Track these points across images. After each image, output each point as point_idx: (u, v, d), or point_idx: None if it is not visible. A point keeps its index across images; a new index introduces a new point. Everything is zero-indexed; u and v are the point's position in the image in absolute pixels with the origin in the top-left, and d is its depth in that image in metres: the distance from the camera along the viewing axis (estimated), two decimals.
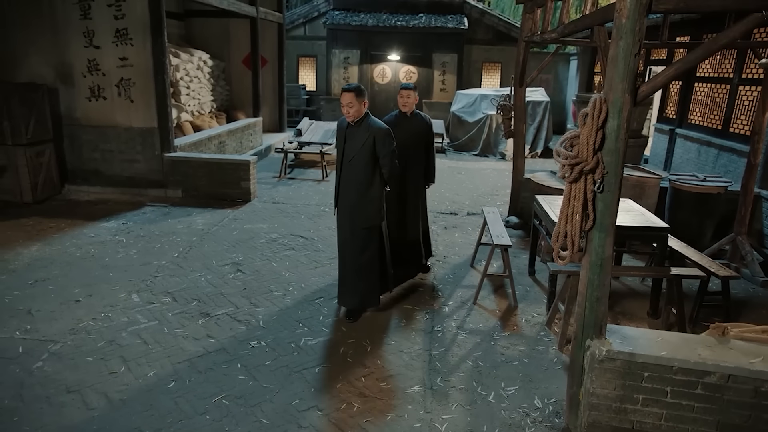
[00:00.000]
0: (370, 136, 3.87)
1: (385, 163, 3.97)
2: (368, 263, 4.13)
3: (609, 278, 2.67)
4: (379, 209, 4.05)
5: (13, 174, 6.71)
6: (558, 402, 3.25)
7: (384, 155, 3.93)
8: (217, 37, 11.38)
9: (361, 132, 3.90)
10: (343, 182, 4.03)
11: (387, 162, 3.96)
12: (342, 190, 4.05)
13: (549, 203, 4.84)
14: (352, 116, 3.87)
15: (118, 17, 7.10)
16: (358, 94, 3.84)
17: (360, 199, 3.97)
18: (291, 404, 3.12)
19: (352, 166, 3.94)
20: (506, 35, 16.29)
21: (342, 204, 4.08)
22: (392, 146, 3.98)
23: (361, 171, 3.93)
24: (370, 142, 3.87)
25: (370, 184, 3.97)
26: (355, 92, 3.82)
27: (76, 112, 7.49)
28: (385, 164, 3.97)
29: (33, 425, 2.89)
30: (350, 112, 3.84)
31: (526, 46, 6.07)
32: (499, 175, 10.19)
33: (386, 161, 3.96)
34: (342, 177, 4.02)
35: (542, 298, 4.74)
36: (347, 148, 3.96)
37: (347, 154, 3.95)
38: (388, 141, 3.93)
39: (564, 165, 2.55)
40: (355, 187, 3.96)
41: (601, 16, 2.79)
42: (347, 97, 3.82)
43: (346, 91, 3.84)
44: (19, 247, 5.44)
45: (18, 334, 3.81)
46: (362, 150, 3.89)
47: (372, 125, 3.92)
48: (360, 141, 3.89)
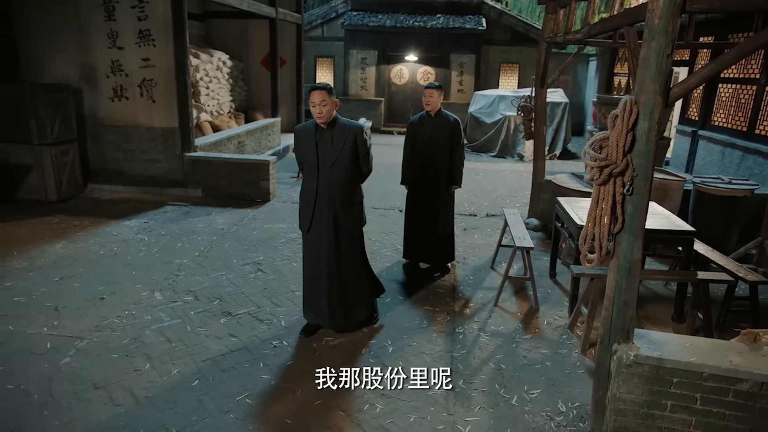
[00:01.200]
0: (349, 135, 3.59)
1: (365, 163, 3.73)
2: (365, 267, 4.00)
3: (637, 282, 2.64)
4: (363, 212, 3.85)
5: (39, 173, 6.83)
6: (582, 406, 3.22)
7: (364, 154, 3.68)
8: (236, 37, 11.48)
9: (337, 134, 3.59)
10: (321, 191, 3.63)
11: (366, 161, 3.73)
12: (320, 200, 3.65)
13: (571, 205, 4.79)
14: (324, 117, 3.50)
15: (141, 18, 7.19)
16: (330, 92, 3.52)
17: (347, 204, 3.68)
18: (314, 404, 3.13)
19: (333, 172, 3.59)
20: (524, 36, 16.19)
21: (321, 216, 3.68)
22: (369, 144, 3.75)
23: (344, 174, 3.62)
24: (350, 142, 3.59)
25: (354, 188, 3.75)
26: (327, 90, 3.51)
27: (99, 112, 7.60)
28: (365, 164, 3.73)
29: (62, 420, 2.94)
30: (323, 111, 3.47)
31: (547, 47, 6.02)
32: (518, 177, 10.13)
33: (366, 161, 3.72)
34: (320, 185, 3.62)
35: (564, 301, 4.70)
36: (323, 154, 3.59)
37: (325, 160, 3.59)
38: (366, 138, 3.69)
39: (593, 167, 2.53)
40: (339, 192, 3.63)
41: (632, 17, 2.76)
42: (319, 95, 3.46)
43: (317, 89, 3.48)
44: (45, 245, 5.54)
45: (46, 330, 3.88)
46: (343, 152, 3.58)
47: (348, 125, 3.65)
48: (339, 143, 3.58)
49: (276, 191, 7.83)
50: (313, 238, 3.75)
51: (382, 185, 8.74)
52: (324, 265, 3.74)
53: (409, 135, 5.08)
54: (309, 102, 3.47)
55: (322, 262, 3.75)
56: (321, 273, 3.77)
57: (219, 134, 9.13)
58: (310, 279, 3.85)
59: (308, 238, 3.78)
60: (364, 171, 3.77)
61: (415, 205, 5.15)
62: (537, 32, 15.87)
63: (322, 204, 3.65)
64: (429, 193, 5.07)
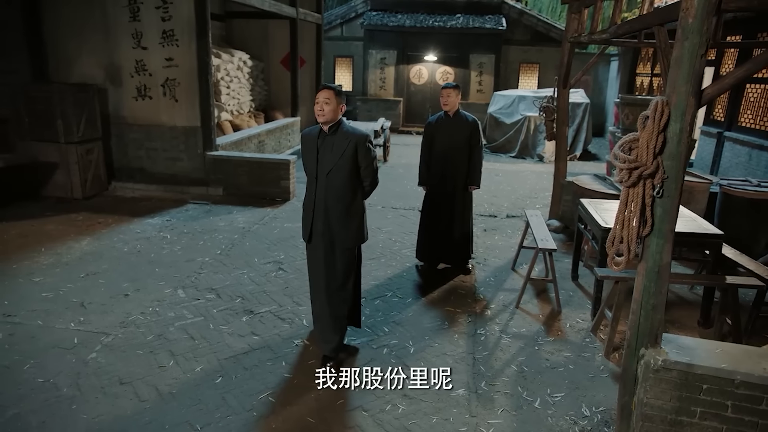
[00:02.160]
0: (350, 143, 3.32)
1: (367, 175, 3.45)
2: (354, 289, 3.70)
3: (666, 286, 2.60)
4: (362, 226, 3.54)
5: (65, 171, 6.95)
6: (607, 411, 3.18)
7: (366, 165, 3.41)
8: (256, 37, 11.56)
9: (338, 140, 3.34)
10: (318, 200, 3.40)
11: (369, 173, 3.45)
12: (318, 210, 3.42)
13: (595, 207, 4.74)
14: (326, 116, 3.25)
15: (165, 19, 7.28)
16: (338, 93, 3.31)
17: (343, 217, 3.41)
18: (336, 404, 3.14)
19: (330, 181, 3.34)
20: (545, 36, 16.04)
21: (318, 227, 3.44)
22: (374, 155, 3.47)
23: (342, 184, 3.36)
24: (350, 150, 3.33)
25: (353, 199, 3.44)
26: (335, 91, 3.29)
27: (123, 111, 7.72)
28: (367, 176, 3.45)
29: (90, 414, 2.99)
30: (324, 110, 3.23)
31: (571, 47, 5.96)
32: (537, 178, 10.05)
33: (368, 172, 3.45)
34: (318, 194, 3.40)
35: (586, 304, 4.65)
36: (322, 160, 3.36)
37: (322, 167, 3.36)
38: (370, 149, 3.41)
39: (622, 169, 2.49)
40: (336, 203, 3.39)
41: (663, 16, 2.71)
42: (324, 93, 3.26)
43: (325, 87, 3.30)
44: (70, 241, 5.64)
45: (73, 326, 3.95)
46: (342, 160, 3.33)
47: (351, 132, 3.37)
48: (338, 150, 3.32)
49: (296, 190, 7.87)
50: (313, 249, 3.54)
51: (401, 185, 8.75)
52: (322, 279, 3.52)
53: (427, 136, 5.07)
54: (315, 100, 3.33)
55: (320, 275, 3.53)
56: (320, 287, 3.54)
57: (240, 133, 9.20)
58: (314, 293, 3.63)
59: (309, 249, 3.58)
60: (366, 184, 3.50)
61: (434, 206, 5.13)
62: (558, 32, 15.74)
63: (319, 214, 3.43)
64: (447, 194, 5.05)
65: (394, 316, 4.26)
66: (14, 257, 5.13)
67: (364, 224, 3.56)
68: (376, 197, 7.90)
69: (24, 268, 4.89)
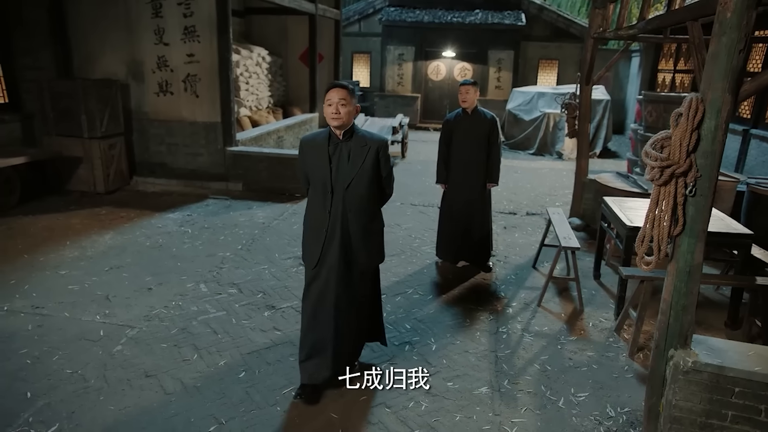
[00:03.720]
0: (370, 150, 2.95)
1: (388, 184, 3.14)
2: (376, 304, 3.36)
3: (698, 287, 2.55)
4: (382, 244, 3.21)
5: (88, 165, 7.05)
6: (632, 412, 3.14)
7: (387, 173, 3.09)
8: (275, 33, 11.59)
9: (355, 147, 2.95)
10: (334, 217, 2.98)
11: (389, 182, 3.15)
12: (333, 230, 2.99)
13: (619, 205, 4.68)
14: (342, 119, 2.85)
15: (186, 15, 7.34)
16: (352, 93, 2.91)
17: (364, 235, 3.04)
18: (359, 400, 3.14)
19: (350, 194, 2.95)
20: (564, 31, 15.86)
21: (332, 249, 3.00)
22: (392, 160, 3.21)
23: (363, 198, 2.98)
24: (371, 158, 2.96)
25: (375, 213, 3.12)
26: (349, 90, 2.89)
27: (145, 106, 7.80)
28: (387, 185, 3.14)
29: (117, 405, 3.03)
30: (341, 112, 2.83)
31: (594, 43, 5.87)
32: (557, 175, 9.95)
33: (389, 181, 3.14)
34: (333, 210, 2.97)
35: (609, 303, 4.60)
36: (338, 172, 2.95)
37: (340, 179, 2.94)
38: (389, 155, 3.11)
39: (653, 167, 2.45)
40: (357, 220, 3.00)
41: (698, 11, 2.66)
42: (338, 92, 2.84)
43: (337, 86, 2.88)
44: (94, 235, 5.72)
45: (98, 318, 4.01)
46: (363, 170, 2.94)
47: (369, 137, 3.01)
48: (358, 159, 2.94)
49: None
50: (321, 274, 3.06)
51: (420, 182, 8.73)
52: (331, 308, 3.07)
53: (445, 133, 5.04)
54: (325, 102, 2.89)
55: (329, 302, 3.07)
56: (328, 318, 3.09)
57: (259, 129, 9.25)
58: (313, 324, 3.14)
59: (315, 275, 3.09)
60: (387, 193, 3.19)
61: (453, 204, 5.11)
62: (578, 28, 15.55)
63: (334, 233, 2.99)
64: (466, 191, 5.03)
65: (415, 313, 4.25)
66: (41, 250, 5.23)
67: (383, 242, 3.23)
68: (395, 193, 7.88)
69: (51, 261, 4.98)
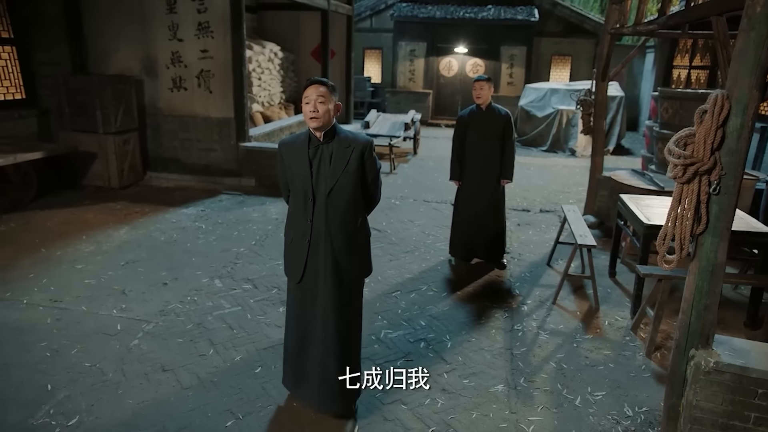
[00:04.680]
0: (353, 152, 2.68)
1: (374, 190, 2.86)
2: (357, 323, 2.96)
3: (720, 286, 2.52)
4: (369, 255, 2.94)
5: (103, 160, 7.10)
6: (650, 411, 3.12)
7: (373, 178, 2.81)
8: (287, 29, 11.60)
9: (337, 149, 2.67)
10: (317, 227, 2.72)
11: (376, 187, 2.86)
12: (316, 241, 2.74)
13: (636, 203, 4.63)
14: (320, 118, 2.58)
15: (200, 11, 7.35)
16: (332, 90, 2.65)
17: (349, 247, 2.76)
18: (375, 396, 3.14)
19: (332, 202, 2.68)
20: (578, 27, 15.72)
21: (316, 263, 2.76)
22: (379, 165, 2.86)
23: (347, 205, 2.71)
24: (355, 161, 2.68)
25: (360, 222, 2.81)
26: (328, 87, 2.63)
27: (158, 102, 7.83)
28: (374, 191, 2.87)
29: (135, 399, 3.05)
30: (320, 110, 2.56)
31: (611, 39, 5.81)
32: (570, 172, 9.89)
33: (375, 186, 2.85)
34: (315, 219, 2.71)
35: (625, 301, 4.56)
36: (319, 176, 2.68)
37: (321, 185, 2.68)
38: (375, 157, 2.81)
39: (676, 165, 2.41)
40: (340, 229, 2.72)
41: (724, 5, 2.61)
42: (315, 89, 2.59)
43: (315, 83, 2.62)
44: (109, 230, 5.76)
45: (115, 312, 4.04)
46: (347, 174, 2.67)
47: (352, 138, 2.73)
48: (340, 162, 2.66)
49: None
50: (305, 289, 2.83)
51: (432, 178, 8.71)
52: (320, 327, 2.81)
53: (459, 129, 5.02)
54: (302, 99, 2.64)
55: (317, 321, 2.82)
56: (315, 336, 2.84)
57: (272, 125, 9.27)
58: (299, 343, 2.92)
59: (298, 290, 2.86)
60: (375, 200, 2.92)
61: (467, 201, 5.09)
62: (591, 23, 15.42)
63: (317, 244, 2.74)
64: (480, 188, 5.01)
65: (430, 310, 4.24)
66: (58, 244, 5.27)
67: (370, 253, 2.95)
68: (408, 189, 7.91)
69: (67, 255, 5.02)
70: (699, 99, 6.29)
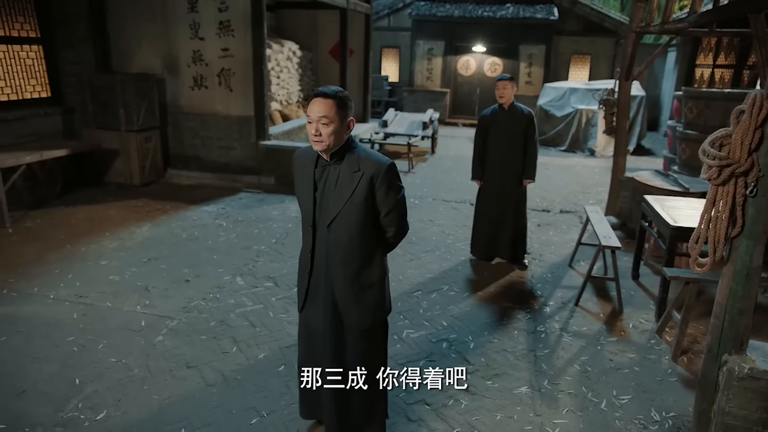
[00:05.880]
0: (363, 178, 2.22)
1: (391, 222, 2.35)
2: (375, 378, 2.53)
3: (756, 290, 2.46)
4: (384, 296, 2.46)
5: (125, 158, 7.18)
6: (678, 417, 3.07)
7: (389, 209, 2.31)
8: (305, 28, 11.62)
9: (344, 173, 2.25)
10: (318, 259, 2.38)
11: (394, 220, 2.35)
12: (317, 272, 2.40)
13: (661, 204, 4.56)
14: (324, 143, 2.16)
15: (221, 10, 7.39)
16: (341, 105, 2.17)
17: (352, 288, 2.35)
18: (398, 396, 3.13)
19: (333, 234, 2.30)
20: (598, 26, 15.53)
21: (317, 295, 2.43)
22: (401, 193, 2.34)
23: (352, 240, 2.30)
24: (363, 189, 2.23)
25: (368, 260, 2.37)
26: (336, 100, 2.15)
27: (179, 100, 7.90)
28: (391, 223, 2.35)
29: (160, 395, 3.08)
30: (322, 134, 2.14)
31: (636, 38, 5.73)
32: (589, 173, 9.79)
33: (392, 218, 2.34)
34: (317, 250, 2.37)
35: (649, 304, 4.49)
36: (321, 203, 2.31)
37: (322, 213, 2.31)
38: (395, 184, 2.30)
39: (711, 166, 2.37)
40: (341, 267, 2.33)
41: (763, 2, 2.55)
42: (320, 106, 2.14)
43: (321, 96, 2.15)
44: (132, 227, 5.82)
45: (139, 308, 4.08)
46: (352, 203, 2.24)
47: (365, 158, 2.25)
48: (345, 188, 2.24)
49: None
50: (309, 321, 2.51)
51: (451, 177, 8.67)
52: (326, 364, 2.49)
53: (481, 129, 4.99)
54: (307, 115, 2.20)
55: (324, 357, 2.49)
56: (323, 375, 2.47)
57: (291, 123, 9.30)
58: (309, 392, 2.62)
59: (304, 320, 2.57)
60: (389, 235, 2.39)
61: (488, 201, 5.08)
62: (612, 22, 15.23)
63: (318, 280, 2.40)
64: (502, 188, 4.99)
65: (451, 310, 4.22)
66: (82, 240, 5.34)
67: (385, 294, 2.47)
68: (426, 189, 7.89)
69: (92, 252, 5.09)
70: (725, 99, 6.18)
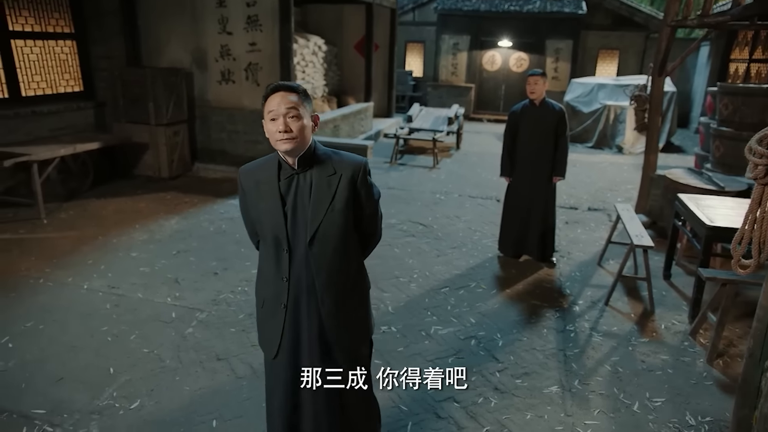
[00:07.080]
0: (341, 182, 1.99)
1: (371, 225, 2.15)
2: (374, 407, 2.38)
3: None
4: (370, 313, 2.24)
5: (154, 151, 7.29)
6: (715, 422, 2.99)
7: (371, 211, 2.12)
8: (330, 22, 11.64)
9: (319, 179, 1.99)
10: (296, 286, 2.03)
11: (374, 224, 2.16)
12: (294, 306, 2.05)
13: (696, 203, 4.45)
14: (296, 140, 1.90)
15: (249, 4, 7.43)
16: (306, 98, 1.96)
17: (342, 307, 2.08)
18: (428, 393, 3.12)
19: (316, 252, 2.00)
20: (628, 20, 15.21)
21: (296, 331, 2.07)
22: (378, 195, 2.15)
23: (335, 255, 2.03)
24: (345, 191, 2.00)
25: (356, 272, 2.14)
26: (301, 93, 1.93)
27: (207, 94, 7.98)
28: (371, 227, 2.16)
29: (192, 386, 3.12)
30: (293, 129, 1.89)
31: (671, 32, 5.58)
32: (617, 170, 9.60)
33: (373, 223, 2.15)
34: (293, 276, 2.02)
35: (681, 305, 4.40)
36: (294, 219, 1.99)
37: (299, 229, 2.00)
38: (372, 183, 2.10)
39: (758, 165, 2.29)
40: (329, 286, 2.04)
41: None
42: (285, 99, 1.89)
43: (280, 90, 1.91)
44: (161, 220, 5.91)
45: (169, 300, 4.14)
46: (332, 214, 1.99)
47: (338, 160, 2.02)
48: (325, 195, 1.98)
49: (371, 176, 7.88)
50: (284, 366, 2.11)
51: (476, 173, 8.60)
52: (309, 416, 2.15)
53: (511, 125, 4.93)
54: (265, 115, 1.93)
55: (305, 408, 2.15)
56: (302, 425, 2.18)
57: None
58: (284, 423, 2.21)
59: (276, 368, 2.15)
60: (369, 240, 2.20)
61: (517, 198, 5.03)
62: (642, 16, 14.91)
63: (297, 310, 2.05)
64: (531, 185, 4.94)
65: (479, 307, 4.18)
66: (114, 232, 5.44)
67: (370, 310, 2.25)
68: (452, 185, 7.83)
69: (122, 243, 5.18)
70: (764, 95, 5.98)
